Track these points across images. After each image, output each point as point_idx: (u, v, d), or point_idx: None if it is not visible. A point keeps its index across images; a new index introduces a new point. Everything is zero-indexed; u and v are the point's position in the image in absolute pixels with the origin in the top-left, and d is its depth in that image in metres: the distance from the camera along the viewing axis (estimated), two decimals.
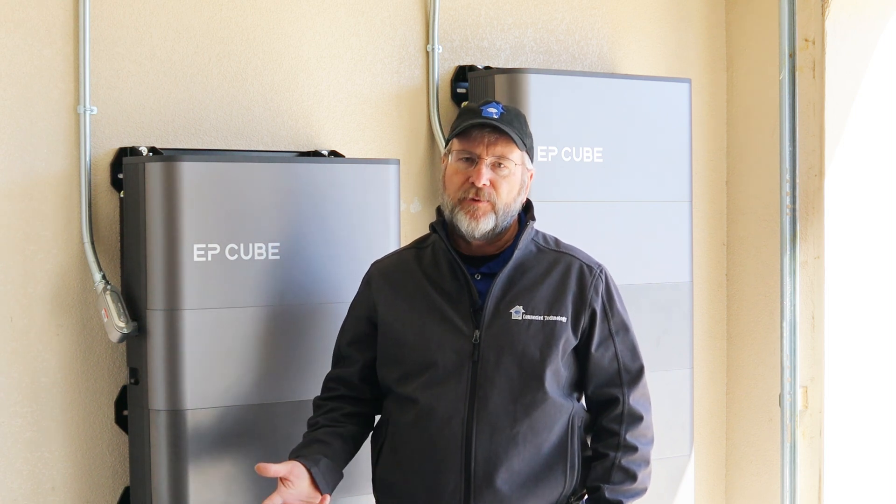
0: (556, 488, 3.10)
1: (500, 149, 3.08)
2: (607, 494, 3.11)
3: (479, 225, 3.07)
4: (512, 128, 3.09)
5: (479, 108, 3.11)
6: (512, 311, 3.09)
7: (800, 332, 4.53)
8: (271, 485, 3.44)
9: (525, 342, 3.08)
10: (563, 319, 3.11)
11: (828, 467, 4.56)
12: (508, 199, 3.10)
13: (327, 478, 3.08)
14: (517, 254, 3.12)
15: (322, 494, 3.06)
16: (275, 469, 3.02)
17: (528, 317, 3.10)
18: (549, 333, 3.09)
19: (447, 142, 3.16)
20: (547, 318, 3.10)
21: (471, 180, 3.07)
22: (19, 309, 3.38)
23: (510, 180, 3.10)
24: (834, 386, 4.56)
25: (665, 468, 4.12)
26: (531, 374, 3.08)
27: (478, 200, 3.07)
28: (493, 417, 3.06)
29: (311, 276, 3.49)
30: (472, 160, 3.09)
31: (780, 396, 4.54)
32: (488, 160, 3.08)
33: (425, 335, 3.09)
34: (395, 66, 3.96)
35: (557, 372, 3.11)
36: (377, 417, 3.26)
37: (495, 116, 3.09)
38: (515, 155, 3.10)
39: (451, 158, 3.12)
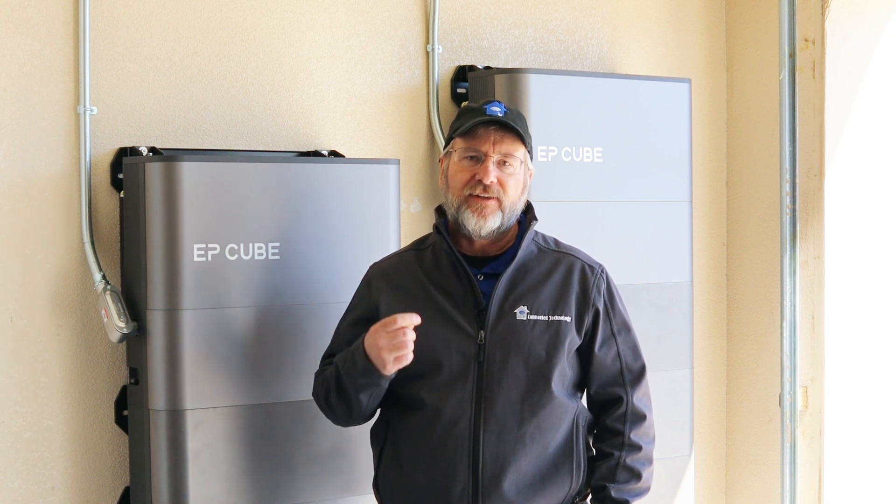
0: (562, 488, 3.11)
1: (506, 146, 3.09)
2: (613, 494, 3.12)
3: (487, 223, 3.08)
4: (517, 125, 3.10)
5: (482, 107, 3.12)
6: (516, 311, 3.10)
7: (800, 332, 4.53)
8: (271, 485, 3.44)
9: (531, 342, 3.08)
10: (568, 319, 3.12)
11: (828, 467, 4.56)
12: (514, 197, 3.10)
13: None
14: (520, 254, 3.12)
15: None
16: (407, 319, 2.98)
17: (532, 317, 3.10)
18: (555, 333, 3.10)
19: (448, 141, 3.16)
20: (552, 318, 3.11)
21: (477, 177, 3.07)
22: (19, 309, 3.38)
23: (516, 178, 3.11)
24: (834, 386, 4.56)
25: (665, 468, 4.12)
26: (538, 373, 3.08)
27: (486, 198, 3.07)
28: (501, 418, 3.06)
29: (311, 276, 3.49)
30: (478, 158, 3.09)
31: (780, 396, 4.55)
32: (495, 157, 3.08)
33: (430, 336, 3.09)
34: (395, 66, 3.96)
35: (563, 372, 3.12)
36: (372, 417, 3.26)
37: (500, 115, 3.09)
38: (521, 152, 3.11)
39: (454, 157, 3.12)
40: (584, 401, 3.23)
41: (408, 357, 2.99)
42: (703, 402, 4.71)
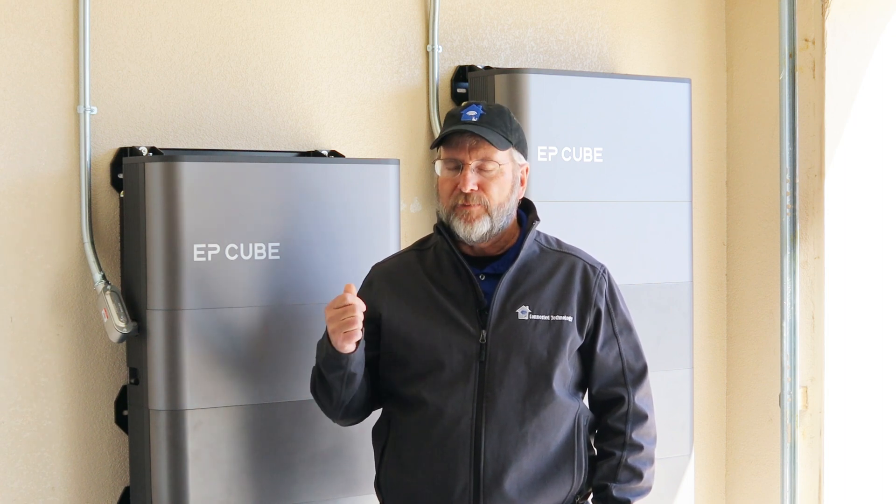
0: (563, 487, 3.11)
1: (482, 152, 3.09)
2: (615, 493, 3.12)
3: (475, 228, 3.08)
4: (493, 128, 3.09)
5: (459, 113, 3.12)
6: (518, 311, 3.10)
7: (800, 332, 4.53)
8: (271, 485, 3.44)
9: (533, 342, 3.09)
10: (569, 319, 3.12)
11: (828, 467, 4.56)
12: (501, 199, 3.10)
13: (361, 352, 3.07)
14: (522, 254, 3.13)
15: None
16: (355, 298, 3.00)
17: (534, 317, 3.10)
18: (557, 333, 3.10)
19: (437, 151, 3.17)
20: (553, 317, 3.11)
21: (458, 187, 3.08)
22: (19, 309, 3.38)
23: (499, 180, 3.10)
24: (834, 386, 4.56)
25: (665, 468, 4.12)
26: (539, 373, 3.09)
27: (469, 206, 3.07)
28: (502, 417, 3.06)
29: (311, 276, 3.49)
30: (458, 167, 3.09)
31: (780, 396, 4.55)
32: (473, 165, 3.08)
33: (432, 336, 3.09)
34: (395, 66, 3.96)
35: (565, 371, 3.12)
36: (374, 416, 3.26)
37: (474, 120, 3.09)
38: (499, 155, 3.10)
39: (438, 167, 3.13)
40: (585, 400, 3.23)
41: (357, 333, 3.00)
42: (703, 402, 4.71)
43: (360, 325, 3.01)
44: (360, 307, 3.00)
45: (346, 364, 3.05)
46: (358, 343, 3.04)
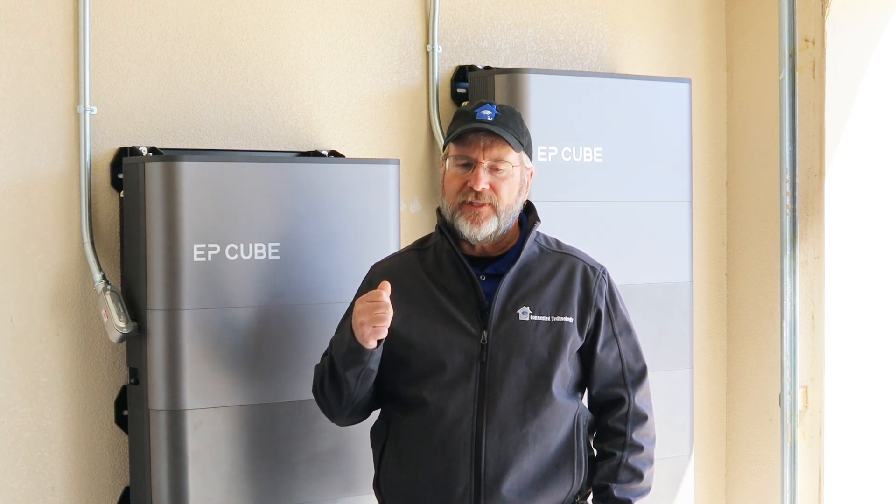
0: (564, 487, 3.11)
1: (496, 151, 3.08)
2: (616, 493, 3.12)
3: (482, 229, 3.08)
4: (507, 129, 3.09)
5: (473, 111, 3.11)
6: (519, 311, 3.10)
7: (800, 332, 4.53)
8: (271, 485, 3.44)
9: (534, 343, 3.09)
10: (570, 320, 3.12)
11: (828, 467, 4.56)
12: (509, 201, 3.10)
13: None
14: (522, 255, 3.12)
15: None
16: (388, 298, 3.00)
17: (535, 317, 3.10)
18: (557, 334, 3.10)
19: (444, 146, 3.17)
20: (554, 318, 3.11)
21: (469, 185, 3.07)
22: (19, 309, 3.38)
23: (509, 182, 3.10)
24: (834, 386, 4.56)
25: (665, 468, 4.12)
26: (540, 374, 3.09)
27: (479, 205, 3.07)
28: (503, 417, 3.06)
29: (311, 276, 3.49)
30: (470, 165, 3.09)
31: (780, 396, 4.55)
32: (486, 164, 3.08)
33: (433, 336, 3.09)
34: (395, 66, 3.96)
35: (565, 372, 3.12)
36: (373, 416, 3.26)
37: (490, 119, 3.08)
38: (512, 157, 3.10)
39: (448, 164, 3.12)
40: (584, 401, 3.24)
41: (383, 331, 3.00)
42: (703, 402, 4.72)
43: (388, 323, 3.01)
44: (391, 309, 3.00)
45: (366, 360, 3.04)
46: (380, 342, 3.04)
